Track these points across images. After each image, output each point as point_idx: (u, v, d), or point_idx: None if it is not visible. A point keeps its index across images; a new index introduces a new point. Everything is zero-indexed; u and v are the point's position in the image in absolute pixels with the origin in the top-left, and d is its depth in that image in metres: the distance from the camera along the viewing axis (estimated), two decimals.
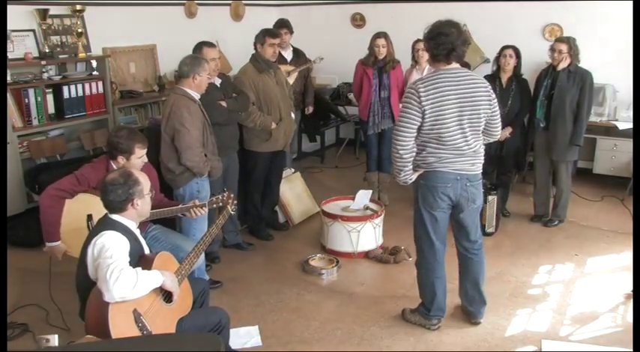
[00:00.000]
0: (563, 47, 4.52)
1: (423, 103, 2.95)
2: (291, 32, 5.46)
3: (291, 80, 5.13)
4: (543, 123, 4.72)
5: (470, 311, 3.47)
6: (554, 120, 4.61)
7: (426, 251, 3.29)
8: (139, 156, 3.17)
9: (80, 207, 3.12)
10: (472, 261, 3.38)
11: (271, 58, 4.45)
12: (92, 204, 3.08)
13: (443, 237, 3.28)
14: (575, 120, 4.56)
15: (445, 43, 2.98)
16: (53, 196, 3.08)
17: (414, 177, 3.15)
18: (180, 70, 3.67)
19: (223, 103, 4.03)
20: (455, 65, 3.07)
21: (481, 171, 3.22)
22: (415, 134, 3.04)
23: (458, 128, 3.03)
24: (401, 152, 3.05)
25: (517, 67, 4.85)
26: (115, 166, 3.17)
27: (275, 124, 4.43)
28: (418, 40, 5.04)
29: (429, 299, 3.36)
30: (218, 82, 4.12)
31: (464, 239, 3.35)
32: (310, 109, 5.92)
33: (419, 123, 3.00)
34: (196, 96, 3.66)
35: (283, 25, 5.38)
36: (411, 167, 3.12)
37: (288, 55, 5.44)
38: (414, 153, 3.09)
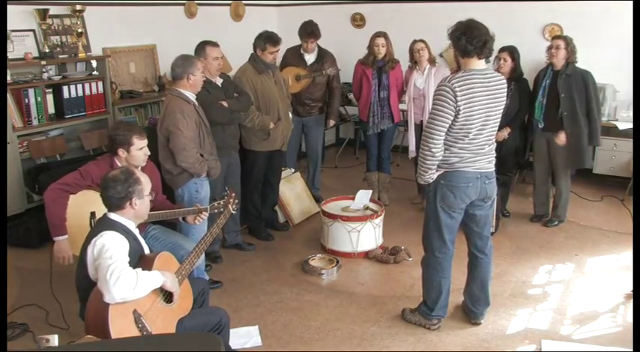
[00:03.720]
0: (561, 43, 4.56)
1: (459, 102, 2.92)
2: (317, 38, 5.15)
3: (300, 85, 5.09)
4: (542, 123, 4.72)
5: (472, 312, 3.46)
6: (570, 127, 4.56)
7: (436, 250, 3.27)
8: (139, 147, 3.17)
9: (83, 204, 3.12)
10: (482, 261, 3.38)
11: (270, 62, 4.44)
12: (96, 202, 3.08)
13: (454, 238, 3.29)
14: (588, 121, 4.56)
15: (478, 36, 2.97)
16: (57, 190, 3.09)
17: (435, 176, 3.13)
18: (173, 72, 3.66)
19: (225, 104, 4.03)
20: (484, 64, 3.07)
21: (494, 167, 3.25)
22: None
23: (483, 128, 3.04)
24: (433, 150, 3.00)
25: (516, 69, 4.85)
26: (118, 162, 3.18)
27: (273, 124, 4.43)
28: (415, 41, 5.04)
29: (434, 299, 3.36)
30: (219, 81, 4.12)
31: (476, 237, 3.34)
32: (331, 124, 5.54)
33: (450, 122, 2.97)
34: (191, 96, 3.65)
35: (312, 34, 5.08)
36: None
37: (310, 58, 5.22)
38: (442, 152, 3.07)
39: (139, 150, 3.18)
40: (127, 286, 2.31)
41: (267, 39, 4.39)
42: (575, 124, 4.57)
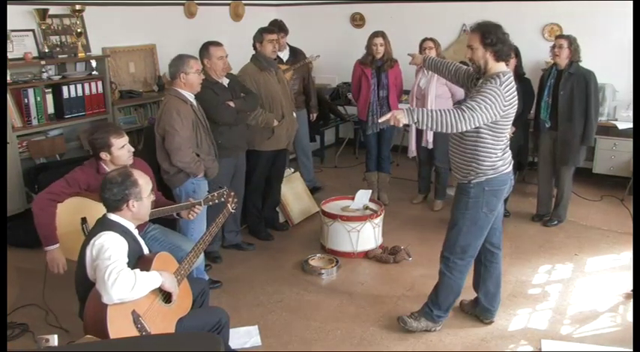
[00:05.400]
0: (564, 42, 4.58)
1: (504, 107, 2.93)
2: (286, 33, 5.40)
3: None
4: (548, 123, 4.74)
5: (488, 310, 3.45)
6: (563, 124, 4.62)
7: (469, 257, 3.24)
8: (119, 146, 3.13)
9: (73, 211, 3.12)
10: (498, 256, 3.40)
11: (271, 55, 4.46)
12: (85, 207, 3.09)
13: None
14: (585, 121, 4.58)
15: (510, 42, 3.01)
16: (44, 200, 3.07)
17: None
18: (169, 72, 3.69)
19: (231, 104, 4.03)
20: None
21: None
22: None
23: (510, 128, 3.10)
24: (462, 128, 2.85)
25: (518, 67, 4.86)
26: (104, 166, 3.16)
27: (277, 122, 4.43)
28: (425, 39, 5.03)
29: (449, 303, 3.35)
30: (226, 81, 4.11)
31: (495, 233, 3.34)
32: (314, 116, 5.79)
33: (490, 121, 2.93)
34: (189, 96, 3.65)
35: (280, 29, 5.26)
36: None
37: (284, 55, 5.38)
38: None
39: (121, 148, 3.14)
40: (125, 287, 2.31)
41: (263, 29, 4.47)
42: (568, 123, 4.60)
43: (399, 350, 3.25)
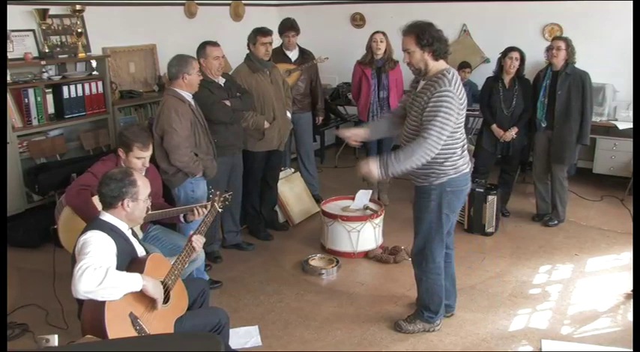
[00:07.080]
0: (561, 44, 4.61)
1: (461, 106, 2.92)
2: (298, 32, 5.29)
3: (290, 80, 5.11)
4: (544, 123, 4.75)
5: (447, 305, 3.45)
6: (560, 124, 4.64)
7: (438, 256, 3.24)
8: (137, 156, 3.16)
9: None
10: (451, 256, 3.42)
11: (264, 57, 4.43)
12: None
13: None
14: (580, 121, 4.61)
15: (445, 38, 2.98)
16: (79, 191, 3.09)
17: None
18: (169, 72, 3.69)
19: (227, 102, 4.03)
20: None
21: None
22: None
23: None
24: (434, 153, 2.90)
25: (519, 70, 4.87)
26: (122, 163, 3.18)
27: (268, 124, 4.43)
28: None
29: (438, 304, 3.34)
30: (222, 81, 4.12)
31: (448, 236, 3.33)
32: (320, 119, 5.69)
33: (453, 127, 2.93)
34: (188, 96, 3.67)
35: (291, 28, 5.19)
36: None
37: (293, 55, 5.30)
38: None
39: (137, 159, 3.17)
40: (92, 281, 2.24)
41: (257, 31, 4.43)
42: (565, 122, 4.63)
43: (399, 350, 3.25)
